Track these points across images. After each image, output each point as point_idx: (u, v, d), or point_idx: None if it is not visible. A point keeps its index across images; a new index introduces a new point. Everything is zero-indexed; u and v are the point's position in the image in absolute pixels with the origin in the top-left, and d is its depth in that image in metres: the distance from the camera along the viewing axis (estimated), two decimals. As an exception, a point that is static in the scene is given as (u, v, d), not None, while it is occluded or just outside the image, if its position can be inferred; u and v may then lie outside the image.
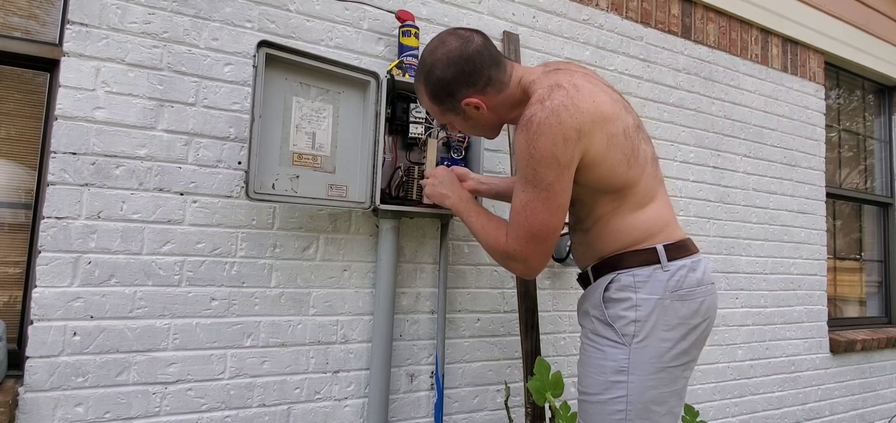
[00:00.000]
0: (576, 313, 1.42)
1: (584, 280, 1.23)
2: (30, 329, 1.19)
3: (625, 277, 1.09)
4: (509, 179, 1.48)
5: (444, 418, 1.63)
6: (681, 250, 1.11)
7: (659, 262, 1.08)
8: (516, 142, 1.04)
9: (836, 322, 2.76)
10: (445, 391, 1.65)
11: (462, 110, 1.15)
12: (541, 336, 1.65)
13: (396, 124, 1.49)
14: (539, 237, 1.05)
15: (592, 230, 1.15)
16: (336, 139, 1.43)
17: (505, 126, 1.80)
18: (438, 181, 1.33)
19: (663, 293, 1.07)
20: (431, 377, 1.63)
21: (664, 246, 1.09)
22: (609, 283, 1.11)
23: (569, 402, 1.35)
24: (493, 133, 1.25)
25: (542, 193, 1.02)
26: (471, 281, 1.72)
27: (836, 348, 2.58)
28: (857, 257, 3.04)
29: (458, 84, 1.11)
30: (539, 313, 1.64)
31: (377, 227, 1.55)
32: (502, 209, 1.76)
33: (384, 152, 1.47)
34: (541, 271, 1.17)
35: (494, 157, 1.77)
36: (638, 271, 1.08)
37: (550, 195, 1.02)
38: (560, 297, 1.89)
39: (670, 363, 1.07)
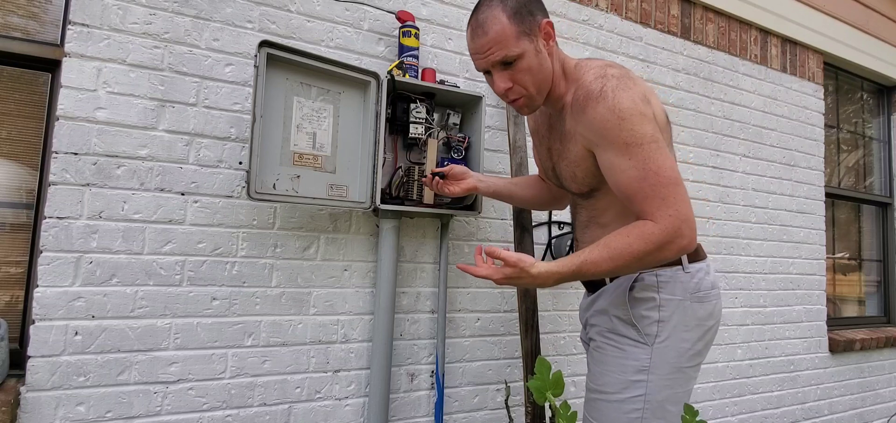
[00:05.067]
0: (577, 313, 1.42)
1: (594, 281, 1.19)
2: (31, 329, 1.19)
3: (648, 277, 1.08)
4: (508, 180, 1.48)
5: (444, 417, 1.64)
6: (697, 254, 1.12)
7: (681, 264, 1.08)
8: (593, 119, 0.99)
9: (834, 322, 2.77)
10: (446, 391, 1.66)
11: (538, 37, 1.04)
12: (541, 335, 1.66)
13: (397, 124, 1.50)
14: (674, 181, 0.96)
15: (611, 227, 1.10)
16: (336, 139, 1.43)
17: (510, 122, 1.80)
18: (516, 276, 1.01)
19: (684, 295, 1.07)
20: (432, 376, 1.64)
21: None
22: (633, 282, 1.09)
23: (569, 402, 1.35)
24: (540, 97, 1.08)
25: (649, 145, 0.96)
26: (471, 280, 1.72)
27: (835, 347, 2.59)
28: (856, 256, 3.05)
29: (536, 2, 1.05)
30: (539, 313, 1.64)
31: (377, 227, 1.55)
32: (502, 208, 1.77)
33: (384, 152, 1.47)
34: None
35: (494, 157, 1.78)
36: (661, 272, 1.08)
37: (656, 144, 0.96)
38: (560, 296, 1.89)
39: (687, 364, 1.08)
